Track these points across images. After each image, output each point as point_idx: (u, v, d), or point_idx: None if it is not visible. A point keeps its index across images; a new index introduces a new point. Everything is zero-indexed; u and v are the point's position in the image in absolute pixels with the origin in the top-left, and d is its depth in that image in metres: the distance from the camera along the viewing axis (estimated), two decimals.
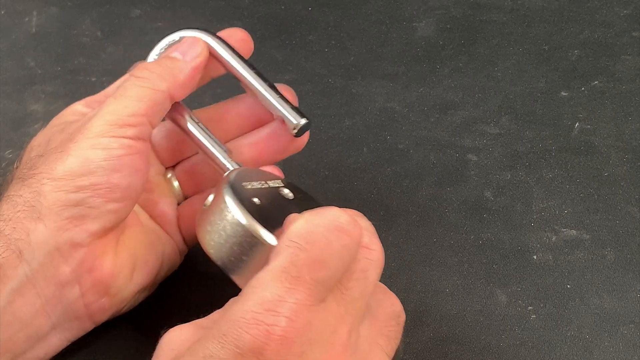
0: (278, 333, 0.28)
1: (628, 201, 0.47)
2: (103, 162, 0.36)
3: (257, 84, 0.41)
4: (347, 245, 0.30)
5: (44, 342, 0.37)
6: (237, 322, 0.28)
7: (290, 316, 0.28)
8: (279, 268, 0.29)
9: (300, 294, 0.29)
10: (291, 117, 0.40)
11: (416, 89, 0.53)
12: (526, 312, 0.42)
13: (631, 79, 0.53)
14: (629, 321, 0.41)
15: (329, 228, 0.30)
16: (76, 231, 0.35)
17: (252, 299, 0.29)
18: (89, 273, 0.36)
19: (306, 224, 0.30)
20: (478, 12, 0.58)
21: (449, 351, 0.41)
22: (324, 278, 0.29)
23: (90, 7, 0.60)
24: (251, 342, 0.28)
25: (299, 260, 0.29)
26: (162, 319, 0.34)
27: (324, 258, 0.30)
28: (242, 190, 0.35)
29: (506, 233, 0.45)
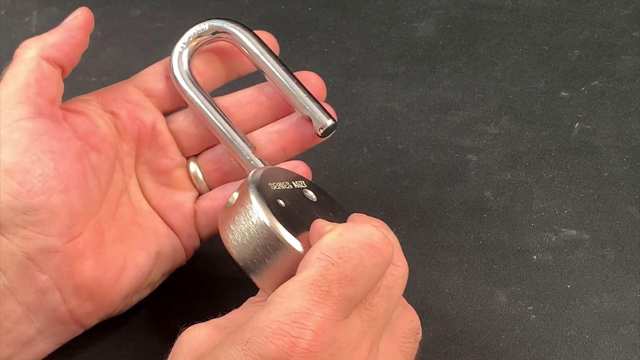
0: (303, 346, 0.28)
1: (628, 201, 0.47)
2: (15, 156, 0.34)
3: (285, 80, 0.40)
4: (378, 264, 0.30)
5: (31, 347, 0.36)
6: (263, 331, 0.28)
7: (316, 330, 0.28)
8: (309, 280, 0.29)
9: (327, 308, 0.29)
10: (319, 118, 0.40)
11: (416, 89, 0.53)
12: (526, 312, 0.42)
13: (631, 79, 0.53)
14: (629, 321, 0.41)
15: (363, 246, 0.30)
16: (42, 238, 0.34)
17: (279, 309, 0.29)
18: (68, 279, 0.35)
19: (340, 239, 0.30)
20: (478, 12, 0.58)
21: (449, 351, 0.41)
22: (352, 295, 0.29)
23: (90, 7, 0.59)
24: (275, 352, 0.28)
25: (329, 275, 0.29)
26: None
27: (355, 275, 0.29)
28: (268, 191, 0.35)
29: (506, 233, 0.45)
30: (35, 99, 0.36)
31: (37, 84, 0.37)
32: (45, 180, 0.35)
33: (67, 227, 0.35)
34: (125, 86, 0.41)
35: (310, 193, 0.37)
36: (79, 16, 0.39)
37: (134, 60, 0.56)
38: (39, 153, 0.35)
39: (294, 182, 0.37)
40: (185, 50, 0.41)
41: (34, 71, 0.37)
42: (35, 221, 0.34)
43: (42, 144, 0.35)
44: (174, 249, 0.40)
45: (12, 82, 0.37)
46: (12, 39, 0.57)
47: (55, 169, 0.35)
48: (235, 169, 0.41)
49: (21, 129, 0.35)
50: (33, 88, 0.36)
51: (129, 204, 0.40)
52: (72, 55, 0.38)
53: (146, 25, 0.59)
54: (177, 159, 0.41)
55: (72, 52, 0.38)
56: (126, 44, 0.58)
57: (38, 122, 0.36)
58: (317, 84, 0.41)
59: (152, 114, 0.41)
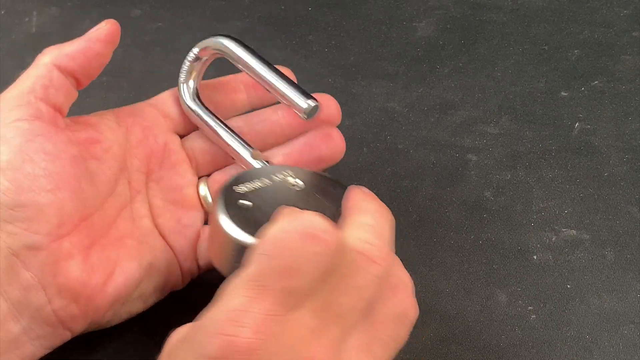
0: (242, 344, 0.27)
1: (628, 201, 0.47)
2: (8, 156, 0.35)
3: (263, 72, 0.40)
4: (319, 253, 0.29)
5: (18, 348, 0.36)
6: (205, 330, 0.28)
7: (254, 327, 0.28)
8: (247, 277, 0.29)
9: (266, 303, 0.28)
10: (299, 101, 0.39)
11: (416, 89, 0.53)
12: (526, 312, 0.42)
13: (631, 79, 0.53)
14: (629, 321, 0.41)
15: (302, 236, 0.29)
16: (28, 235, 0.34)
17: (219, 308, 0.28)
18: (53, 277, 0.35)
19: (278, 231, 0.29)
20: (478, 12, 0.58)
21: (449, 351, 0.41)
22: (293, 287, 0.28)
23: (90, 7, 0.60)
24: (215, 352, 0.27)
25: (267, 268, 0.29)
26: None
27: (293, 266, 0.28)
28: (232, 195, 0.35)
29: (506, 233, 0.45)
30: (36, 103, 0.37)
31: (42, 89, 0.37)
32: (35, 178, 0.35)
33: (54, 227, 0.35)
34: (143, 106, 0.42)
35: (297, 181, 0.37)
36: (103, 28, 0.39)
37: (134, 60, 0.56)
38: (31, 153, 0.35)
39: (278, 175, 0.37)
40: (190, 76, 0.43)
41: (42, 77, 0.37)
42: (22, 217, 0.34)
43: (35, 145, 0.36)
44: (169, 264, 0.40)
45: (19, 85, 0.37)
46: (12, 39, 0.57)
47: (46, 169, 0.35)
48: None
49: (17, 128, 0.36)
50: (37, 93, 0.37)
51: (130, 218, 0.40)
52: (87, 67, 0.39)
53: (146, 25, 0.59)
54: (188, 178, 0.42)
55: (87, 64, 0.39)
56: (126, 44, 0.57)
57: (35, 124, 0.36)
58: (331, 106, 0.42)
59: (165, 134, 0.42)
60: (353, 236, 0.31)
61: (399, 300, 0.32)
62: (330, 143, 0.42)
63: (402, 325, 0.32)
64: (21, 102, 0.36)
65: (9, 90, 0.37)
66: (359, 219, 0.32)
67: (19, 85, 0.37)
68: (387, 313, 0.32)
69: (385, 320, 0.32)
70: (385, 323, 0.32)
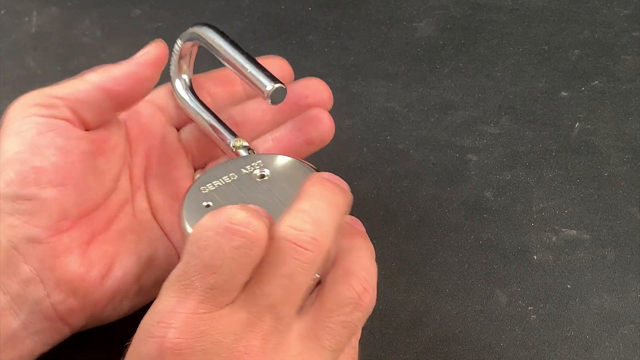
0: (169, 345, 0.27)
1: (628, 201, 0.47)
2: (17, 147, 0.35)
3: (232, 55, 0.40)
4: (239, 247, 0.29)
5: (17, 344, 0.36)
6: (137, 334, 0.28)
7: (180, 327, 0.28)
8: (173, 278, 0.29)
9: (191, 302, 0.28)
10: (263, 82, 0.39)
11: (416, 89, 0.53)
12: (526, 312, 0.42)
13: (631, 79, 0.53)
14: (629, 321, 0.41)
15: (219, 231, 0.29)
16: (28, 228, 0.35)
17: (152, 310, 0.29)
18: (51, 271, 0.35)
19: (198, 228, 0.29)
20: (478, 12, 0.58)
21: (449, 351, 0.41)
22: (216, 284, 0.28)
23: (90, 7, 0.60)
24: (146, 355, 0.28)
25: (190, 267, 0.29)
26: None
27: (214, 263, 0.28)
28: (197, 196, 0.35)
29: (506, 233, 0.45)
30: (61, 107, 0.37)
31: (75, 101, 0.37)
32: (41, 172, 0.35)
33: (55, 221, 0.35)
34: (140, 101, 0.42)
35: (265, 172, 0.37)
36: (151, 51, 0.39)
37: None
38: (42, 147, 0.35)
39: (247, 167, 0.37)
40: (181, 69, 0.43)
41: (80, 91, 0.37)
42: (23, 210, 0.35)
43: (47, 139, 0.36)
44: (169, 258, 0.40)
45: (54, 88, 0.37)
46: (12, 39, 0.57)
47: (55, 164, 0.35)
48: None
49: (31, 122, 0.36)
50: (68, 101, 0.37)
51: (131, 213, 0.40)
52: (133, 91, 0.39)
53: (146, 25, 0.59)
54: (185, 171, 0.42)
55: (134, 88, 0.39)
56: (126, 44, 0.58)
57: (50, 120, 0.36)
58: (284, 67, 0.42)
59: (162, 127, 0.42)
60: (284, 224, 0.30)
61: (350, 285, 0.31)
62: (318, 126, 0.42)
63: (355, 310, 0.31)
64: (45, 102, 0.37)
65: (40, 90, 0.37)
66: (296, 205, 0.31)
67: (56, 87, 0.37)
68: (336, 299, 0.31)
69: (334, 306, 0.31)
70: (334, 309, 0.31)
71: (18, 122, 0.36)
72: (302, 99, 0.42)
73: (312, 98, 0.42)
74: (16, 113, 0.36)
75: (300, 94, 0.42)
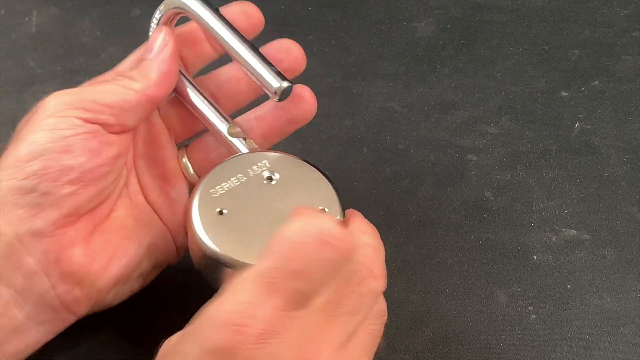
0: (252, 334, 0.28)
1: (628, 201, 0.47)
2: (50, 143, 0.35)
3: (235, 46, 0.39)
4: (330, 259, 0.30)
5: (22, 335, 0.36)
6: (214, 322, 0.29)
7: (264, 318, 0.29)
8: (261, 273, 0.29)
9: (277, 300, 0.29)
10: (271, 81, 0.38)
11: (416, 89, 0.53)
12: (526, 312, 0.42)
13: (631, 79, 0.53)
14: (629, 321, 0.41)
15: (317, 241, 0.30)
16: (35, 221, 0.35)
17: (231, 301, 0.29)
18: (56, 264, 0.35)
19: (294, 234, 0.30)
20: (478, 12, 0.58)
21: (449, 351, 0.41)
22: (302, 289, 0.30)
23: (90, 7, 0.60)
24: (226, 342, 0.28)
25: (280, 268, 0.30)
26: None
27: (304, 270, 0.30)
28: (208, 201, 0.36)
29: (506, 233, 0.45)
30: (103, 113, 0.37)
31: (120, 110, 0.37)
32: (66, 171, 0.35)
33: (63, 216, 0.35)
34: None
35: (273, 175, 0.37)
36: (168, 44, 0.39)
37: None
38: (74, 146, 0.35)
39: (254, 167, 0.37)
40: None
41: (126, 102, 0.37)
42: (34, 203, 0.35)
43: (81, 141, 0.36)
44: (167, 242, 0.41)
45: (98, 93, 0.37)
46: (12, 39, 0.57)
47: (82, 165, 0.36)
48: (221, 158, 0.41)
49: (69, 123, 0.36)
50: (113, 110, 0.37)
51: (127, 197, 0.40)
52: (171, 87, 0.39)
53: (146, 25, 0.59)
54: (169, 150, 0.41)
55: (171, 85, 0.39)
56: (126, 44, 0.57)
57: (89, 125, 0.36)
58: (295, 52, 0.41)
59: None
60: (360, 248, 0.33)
61: (379, 301, 0.34)
62: (301, 104, 0.41)
63: (382, 323, 0.34)
64: (89, 107, 0.36)
65: (87, 88, 0.37)
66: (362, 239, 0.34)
67: (98, 91, 0.37)
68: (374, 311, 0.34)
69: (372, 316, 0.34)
70: (372, 319, 0.33)
71: (56, 119, 0.35)
72: (277, 64, 0.40)
73: (286, 62, 0.41)
74: (56, 109, 0.36)
75: (275, 58, 0.40)
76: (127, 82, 0.38)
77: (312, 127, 0.51)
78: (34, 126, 0.35)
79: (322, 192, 0.37)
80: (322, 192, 0.37)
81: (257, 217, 0.35)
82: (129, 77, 0.38)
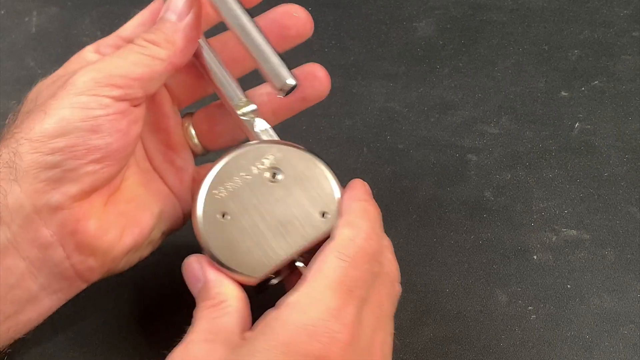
0: (341, 340, 0.30)
1: (628, 201, 0.47)
2: (79, 122, 0.35)
3: (242, 26, 0.38)
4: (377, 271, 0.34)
5: (35, 304, 0.36)
6: (305, 330, 0.30)
7: (350, 324, 0.31)
8: (336, 280, 0.32)
9: (352, 307, 0.32)
10: (279, 75, 0.37)
11: (416, 89, 0.53)
12: (526, 312, 0.42)
13: (631, 79, 0.53)
14: (629, 321, 0.41)
15: (372, 254, 0.33)
16: (53, 194, 0.35)
17: (318, 308, 0.31)
18: (71, 236, 0.35)
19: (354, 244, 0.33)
20: (478, 12, 0.58)
21: (449, 351, 0.41)
22: (364, 296, 0.33)
23: (90, 7, 0.60)
24: (319, 349, 0.30)
25: (351, 275, 0.32)
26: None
27: (366, 279, 0.33)
28: (212, 204, 0.36)
29: (506, 233, 0.45)
30: (132, 87, 0.36)
31: (148, 81, 0.36)
32: (92, 151, 0.35)
33: (82, 192, 0.35)
34: None
35: (276, 173, 0.37)
36: (194, 8, 0.38)
37: None
38: (104, 127, 0.35)
39: (257, 164, 0.37)
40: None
41: (154, 72, 0.36)
42: (55, 177, 0.34)
43: (110, 121, 0.35)
44: (174, 209, 0.41)
45: (126, 66, 0.36)
46: (12, 39, 0.57)
47: (109, 144, 0.35)
48: (227, 129, 0.41)
49: (101, 102, 0.35)
50: (142, 82, 0.36)
51: (135, 164, 0.40)
52: (192, 53, 0.38)
53: None
54: (173, 118, 0.41)
55: (193, 51, 0.39)
56: None
57: (118, 104, 0.36)
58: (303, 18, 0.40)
59: None
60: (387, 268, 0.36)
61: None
62: (314, 83, 0.41)
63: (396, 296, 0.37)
64: (119, 83, 0.36)
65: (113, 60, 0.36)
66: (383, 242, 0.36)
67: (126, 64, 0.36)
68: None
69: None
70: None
71: (87, 98, 0.35)
72: (285, 31, 0.40)
73: (295, 29, 0.40)
74: (86, 86, 0.35)
75: (282, 25, 0.40)
76: (152, 50, 0.37)
77: (312, 127, 0.51)
78: (63, 102, 0.35)
79: (323, 193, 0.37)
80: (323, 193, 0.37)
81: (258, 223, 0.36)
82: (154, 42, 0.37)
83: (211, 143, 0.42)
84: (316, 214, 0.36)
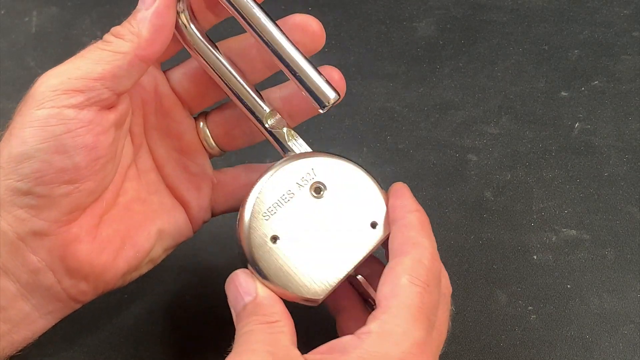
0: None
1: (628, 201, 0.47)
2: (40, 144, 0.32)
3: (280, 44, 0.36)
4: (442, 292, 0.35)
5: (30, 324, 0.35)
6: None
7: (431, 353, 0.33)
8: (415, 308, 0.33)
9: (430, 334, 0.33)
10: (324, 93, 0.36)
11: (416, 89, 0.53)
12: (526, 312, 0.42)
13: (631, 79, 0.53)
14: (629, 321, 0.41)
15: (437, 277, 0.35)
16: (35, 221, 0.33)
17: (409, 339, 0.32)
18: (61, 261, 0.34)
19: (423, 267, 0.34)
20: (478, 12, 0.58)
21: (449, 351, 0.41)
22: (434, 319, 0.34)
23: (90, 7, 0.60)
24: None
25: (426, 301, 0.33)
26: None
27: (436, 302, 0.34)
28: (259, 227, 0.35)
29: (506, 233, 0.45)
30: (96, 89, 0.34)
31: (113, 79, 0.34)
32: (61, 172, 0.33)
33: (65, 214, 0.34)
34: None
35: (321, 187, 0.36)
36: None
37: None
38: (68, 146, 0.33)
39: (300, 181, 0.36)
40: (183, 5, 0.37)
41: (117, 68, 0.34)
42: (32, 204, 0.33)
43: (74, 138, 0.33)
44: (178, 224, 0.39)
45: (86, 65, 0.34)
46: (12, 39, 0.57)
47: (77, 164, 0.33)
48: (245, 133, 0.40)
49: (61, 117, 0.33)
50: (105, 82, 0.34)
51: (136, 176, 0.38)
52: (163, 44, 0.35)
53: None
54: (185, 122, 0.39)
55: (166, 39, 0.35)
56: None
57: (82, 114, 0.33)
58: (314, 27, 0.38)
59: (152, 77, 0.38)
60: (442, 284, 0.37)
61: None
62: None
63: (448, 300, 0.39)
64: (80, 87, 0.33)
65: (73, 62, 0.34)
66: None
67: (86, 63, 0.34)
68: None
69: None
70: None
71: (46, 112, 0.33)
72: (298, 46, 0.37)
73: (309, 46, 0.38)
74: (45, 97, 0.33)
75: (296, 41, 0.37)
76: (115, 45, 0.34)
77: (312, 127, 0.51)
78: (24, 120, 0.33)
79: (369, 202, 0.36)
80: (370, 202, 0.36)
81: (311, 243, 0.35)
82: (118, 35, 0.34)
83: (228, 144, 0.40)
84: (366, 225, 0.35)
